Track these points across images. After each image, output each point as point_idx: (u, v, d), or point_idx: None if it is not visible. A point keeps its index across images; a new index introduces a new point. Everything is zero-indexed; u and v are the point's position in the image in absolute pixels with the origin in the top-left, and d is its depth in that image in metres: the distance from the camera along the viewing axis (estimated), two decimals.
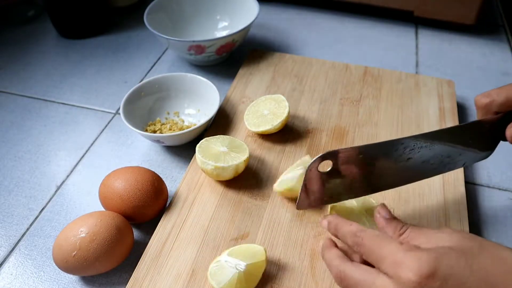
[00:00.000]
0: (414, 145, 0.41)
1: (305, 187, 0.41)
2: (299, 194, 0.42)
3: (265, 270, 0.42)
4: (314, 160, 0.39)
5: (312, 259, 0.44)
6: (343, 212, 0.46)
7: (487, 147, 0.46)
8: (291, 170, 0.48)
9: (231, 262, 0.41)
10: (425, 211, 0.48)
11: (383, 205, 0.40)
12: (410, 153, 0.41)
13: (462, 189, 0.50)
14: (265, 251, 0.42)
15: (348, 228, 0.38)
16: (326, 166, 0.40)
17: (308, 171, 0.40)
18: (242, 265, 0.40)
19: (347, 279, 0.35)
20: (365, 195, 0.44)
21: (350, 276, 0.35)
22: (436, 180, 0.51)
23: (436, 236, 0.34)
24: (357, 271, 0.35)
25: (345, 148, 0.39)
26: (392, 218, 0.38)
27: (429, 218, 0.47)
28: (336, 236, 0.39)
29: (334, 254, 0.38)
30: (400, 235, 0.36)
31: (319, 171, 0.40)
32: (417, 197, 0.49)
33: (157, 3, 0.71)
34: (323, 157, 0.39)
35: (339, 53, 0.76)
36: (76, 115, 0.64)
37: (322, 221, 0.41)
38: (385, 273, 0.33)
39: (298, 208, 0.43)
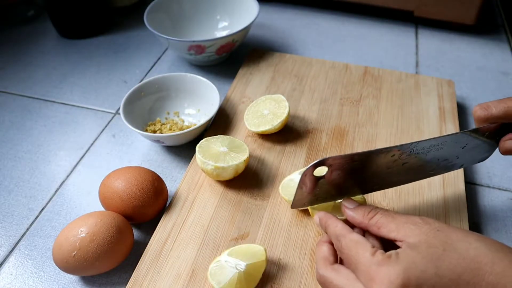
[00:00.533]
0: (410, 152, 0.41)
1: (300, 189, 0.41)
2: (294, 194, 0.42)
3: (265, 270, 0.42)
4: (309, 167, 0.39)
5: (312, 259, 0.44)
6: (323, 206, 0.46)
7: (485, 151, 0.46)
8: (295, 176, 0.49)
9: (231, 262, 0.41)
10: (425, 211, 0.48)
11: (348, 198, 0.41)
12: (406, 158, 0.42)
13: (462, 188, 0.50)
14: (265, 251, 0.42)
15: (333, 229, 0.38)
16: (322, 170, 0.40)
17: (303, 176, 0.40)
18: (242, 265, 0.40)
19: (327, 284, 0.36)
20: (358, 195, 0.44)
21: (329, 281, 0.36)
22: (436, 180, 0.51)
23: (405, 227, 0.35)
24: (336, 277, 0.36)
25: (340, 155, 0.39)
26: (358, 205, 0.39)
27: (430, 218, 0.47)
28: (326, 233, 0.40)
29: (319, 255, 0.39)
30: (370, 219, 0.37)
31: (314, 176, 0.40)
32: (417, 197, 0.49)
33: (157, 3, 0.71)
34: (318, 164, 0.39)
35: (339, 53, 0.76)
36: (76, 115, 0.65)
37: (315, 217, 0.42)
38: (361, 282, 0.34)
39: (292, 207, 0.44)
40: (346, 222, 0.40)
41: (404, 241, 0.34)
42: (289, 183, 0.49)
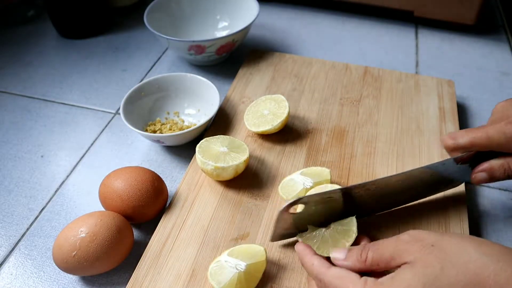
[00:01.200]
0: (386, 184, 0.43)
1: (277, 224, 0.42)
2: (272, 228, 0.43)
3: (265, 270, 0.42)
4: (284, 207, 0.40)
5: None
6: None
7: (464, 177, 0.47)
8: (296, 177, 0.49)
9: (231, 262, 0.41)
10: (425, 211, 0.48)
11: (334, 249, 0.38)
12: (383, 189, 0.43)
13: (462, 189, 0.50)
14: (265, 251, 0.42)
15: (310, 268, 0.38)
16: (299, 207, 0.41)
17: (280, 213, 0.41)
18: (242, 265, 0.40)
19: None
20: (341, 220, 0.44)
21: None
22: None
23: (398, 250, 0.33)
24: None
25: (313, 194, 0.40)
26: (347, 252, 0.37)
27: (430, 218, 0.47)
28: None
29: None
30: (365, 262, 0.35)
31: (291, 213, 0.41)
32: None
33: (157, 3, 0.71)
34: (292, 203, 0.40)
35: (339, 53, 0.76)
36: (76, 115, 0.65)
37: (295, 246, 0.41)
38: None
39: (271, 240, 0.44)
40: None
41: (402, 265, 0.32)
42: (288, 183, 0.49)
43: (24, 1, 0.81)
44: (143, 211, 0.46)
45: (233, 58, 0.74)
